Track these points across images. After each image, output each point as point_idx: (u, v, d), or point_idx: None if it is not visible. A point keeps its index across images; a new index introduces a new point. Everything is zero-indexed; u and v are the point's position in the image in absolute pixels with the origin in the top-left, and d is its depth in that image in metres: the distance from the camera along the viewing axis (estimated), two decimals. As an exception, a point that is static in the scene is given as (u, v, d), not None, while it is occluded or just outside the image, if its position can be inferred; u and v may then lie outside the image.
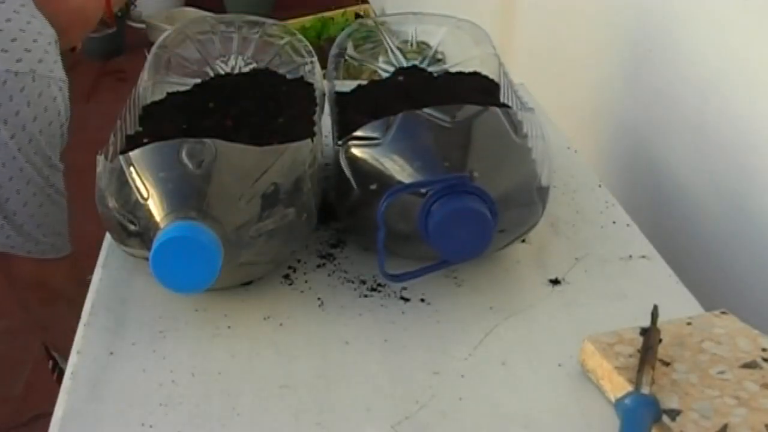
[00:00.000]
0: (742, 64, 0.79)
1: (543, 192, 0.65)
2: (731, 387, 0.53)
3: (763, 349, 0.56)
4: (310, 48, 0.82)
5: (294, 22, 2.36)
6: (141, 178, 0.57)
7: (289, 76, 0.78)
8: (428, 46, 0.84)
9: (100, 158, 0.62)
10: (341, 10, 2.66)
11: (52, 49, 1.07)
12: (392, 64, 0.82)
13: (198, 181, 0.57)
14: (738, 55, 0.80)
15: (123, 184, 0.58)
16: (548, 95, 0.96)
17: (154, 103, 0.71)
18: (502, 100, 0.74)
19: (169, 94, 0.73)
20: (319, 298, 0.63)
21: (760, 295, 0.75)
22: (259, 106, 0.70)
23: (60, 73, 1.07)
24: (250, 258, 0.60)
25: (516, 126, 0.64)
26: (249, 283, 0.64)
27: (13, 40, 1.01)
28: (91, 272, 0.65)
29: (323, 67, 0.81)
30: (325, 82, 0.80)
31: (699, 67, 0.86)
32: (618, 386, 0.53)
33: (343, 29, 0.86)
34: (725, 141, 0.82)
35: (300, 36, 0.84)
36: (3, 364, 1.60)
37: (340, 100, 0.76)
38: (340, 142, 0.66)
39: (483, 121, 0.63)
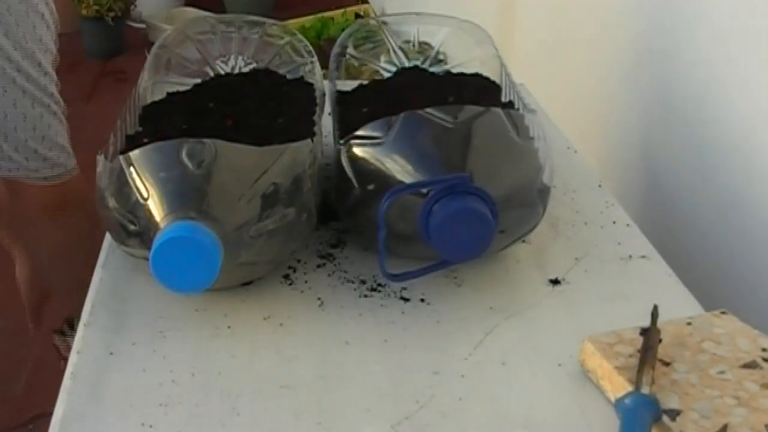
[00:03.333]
0: (741, 65, 0.79)
1: (544, 193, 0.65)
2: (731, 387, 0.53)
3: (763, 349, 0.56)
4: (310, 48, 0.82)
5: (294, 22, 2.37)
6: (141, 178, 0.57)
7: (289, 76, 0.78)
8: (430, 46, 0.84)
9: (100, 158, 0.62)
10: (341, 10, 2.66)
11: None
12: (394, 64, 0.82)
13: (198, 181, 0.57)
14: (738, 56, 0.80)
15: (123, 184, 0.58)
16: (548, 95, 0.96)
17: (154, 103, 0.71)
18: (504, 101, 0.74)
19: (169, 94, 0.73)
20: (319, 298, 0.63)
21: (760, 295, 0.75)
22: (259, 106, 0.70)
23: None
24: (250, 258, 0.60)
25: (518, 127, 0.64)
26: (249, 283, 0.64)
27: None
28: (92, 273, 0.65)
29: (323, 67, 0.81)
30: (326, 81, 0.80)
31: (699, 68, 0.86)
32: (618, 386, 0.53)
33: (343, 29, 0.86)
34: (725, 141, 0.82)
35: (300, 36, 0.84)
36: (3, 364, 1.60)
37: (342, 99, 0.76)
38: (341, 142, 0.66)
39: (484, 122, 0.63)
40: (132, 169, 0.58)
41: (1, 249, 1.28)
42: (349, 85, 0.79)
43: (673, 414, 0.51)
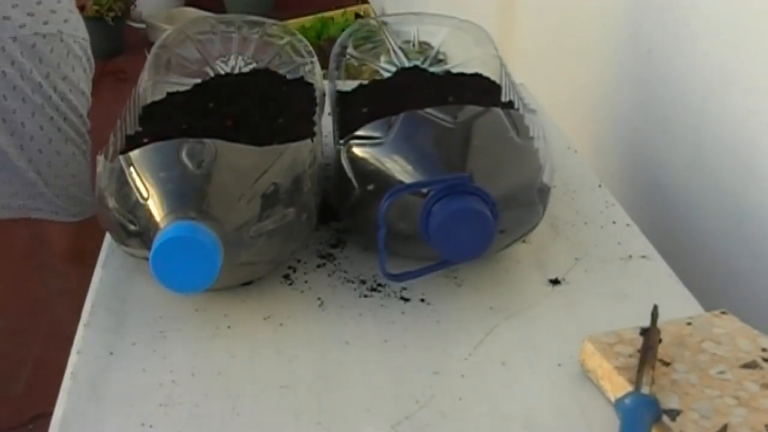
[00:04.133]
0: (741, 64, 0.79)
1: (544, 193, 0.65)
2: (731, 387, 0.53)
3: (763, 349, 0.56)
4: (310, 48, 0.82)
5: (294, 22, 2.36)
6: (141, 178, 0.57)
7: (289, 76, 0.78)
8: (430, 46, 0.84)
9: (100, 158, 0.62)
10: (341, 10, 2.66)
11: (74, 8, 1.08)
12: (394, 64, 0.82)
13: (198, 181, 0.57)
14: (738, 55, 0.80)
15: (123, 184, 0.58)
16: (548, 95, 0.97)
17: (154, 103, 0.71)
18: (504, 101, 0.74)
19: (169, 94, 0.73)
20: (319, 298, 0.63)
21: (760, 295, 0.75)
22: (259, 106, 0.70)
23: (83, 32, 1.09)
24: (250, 258, 0.60)
25: (517, 126, 0.64)
26: (249, 283, 0.64)
27: (38, 2, 1.02)
28: (92, 273, 0.65)
29: (323, 67, 0.81)
30: (326, 81, 0.80)
31: (699, 67, 0.86)
32: (618, 386, 0.53)
33: (343, 29, 0.86)
34: (725, 141, 0.82)
35: (300, 36, 0.84)
36: (3, 364, 1.60)
37: (342, 99, 0.76)
38: (341, 142, 0.66)
39: (484, 122, 0.63)
40: (132, 169, 0.58)
41: (1, 249, 1.29)
42: (349, 85, 0.79)
43: (673, 414, 0.51)
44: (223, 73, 0.79)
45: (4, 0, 1.00)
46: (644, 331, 0.56)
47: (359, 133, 0.64)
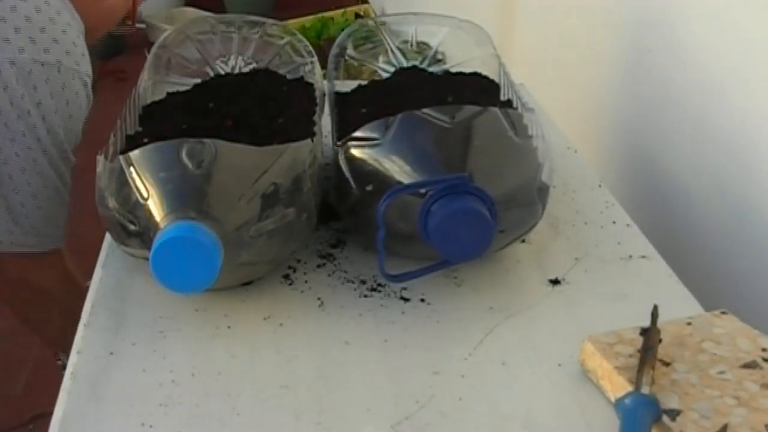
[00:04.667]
0: (742, 64, 0.79)
1: (543, 192, 0.65)
2: (731, 387, 0.53)
3: (763, 349, 0.56)
4: (310, 48, 0.82)
5: (294, 22, 2.36)
6: (141, 178, 0.57)
7: (289, 76, 0.78)
8: (428, 46, 0.84)
9: (100, 158, 0.62)
10: (341, 10, 2.65)
11: (80, 42, 1.06)
12: (392, 64, 0.82)
13: (198, 181, 0.57)
14: (738, 55, 0.80)
15: (123, 184, 0.58)
16: (548, 95, 0.97)
17: (154, 103, 0.71)
18: (502, 100, 0.74)
19: (169, 94, 0.73)
20: (319, 298, 0.63)
21: (760, 295, 0.75)
22: (259, 106, 0.70)
23: (86, 67, 1.07)
24: (250, 258, 0.60)
25: (516, 126, 0.64)
26: (249, 283, 0.64)
27: (42, 30, 1.01)
28: (92, 273, 0.65)
29: (323, 67, 0.81)
30: (325, 82, 0.80)
31: (699, 67, 0.86)
32: (618, 386, 0.53)
33: (343, 29, 0.86)
34: (725, 141, 0.82)
35: (300, 36, 0.84)
36: (3, 364, 1.60)
37: (340, 100, 0.76)
38: (339, 143, 0.66)
39: (482, 122, 0.63)
40: (132, 169, 0.58)
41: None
42: (347, 85, 0.79)
43: (673, 414, 0.51)
44: (223, 73, 0.79)
45: (7, 24, 0.99)
46: (644, 331, 0.57)
47: (357, 134, 0.64)
